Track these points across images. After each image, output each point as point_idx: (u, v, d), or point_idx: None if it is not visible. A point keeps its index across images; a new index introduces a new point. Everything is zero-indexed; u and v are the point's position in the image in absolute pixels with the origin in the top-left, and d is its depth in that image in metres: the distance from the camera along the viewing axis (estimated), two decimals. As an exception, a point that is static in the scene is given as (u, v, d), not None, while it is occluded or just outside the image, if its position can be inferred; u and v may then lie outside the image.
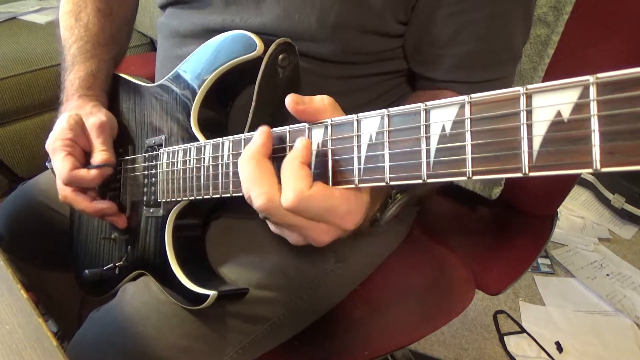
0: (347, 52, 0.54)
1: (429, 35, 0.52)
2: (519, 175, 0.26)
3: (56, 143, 0.58)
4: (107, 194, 0.66)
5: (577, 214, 1.70)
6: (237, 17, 0.55)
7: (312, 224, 0.36)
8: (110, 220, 0.63)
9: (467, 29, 0.50)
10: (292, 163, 0.35)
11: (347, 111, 0.39)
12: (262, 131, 0.38)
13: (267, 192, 0.35)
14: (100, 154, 0.59)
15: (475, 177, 0.28)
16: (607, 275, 1.46)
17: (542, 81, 0.66)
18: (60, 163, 0.57)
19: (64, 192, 0.60)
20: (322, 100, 0.37)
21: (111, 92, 0.69)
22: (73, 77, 0.65)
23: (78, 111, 0.61)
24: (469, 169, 0.28)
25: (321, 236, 0.37)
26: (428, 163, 0.30)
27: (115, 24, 0.71)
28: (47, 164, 0.69)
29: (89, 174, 0.58)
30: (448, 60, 0.53)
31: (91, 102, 0.64)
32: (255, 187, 0.36)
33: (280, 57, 0.49)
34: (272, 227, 0.40)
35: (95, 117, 0.61)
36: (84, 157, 0.60)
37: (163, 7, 0.66)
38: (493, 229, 0.83)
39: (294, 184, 0.34)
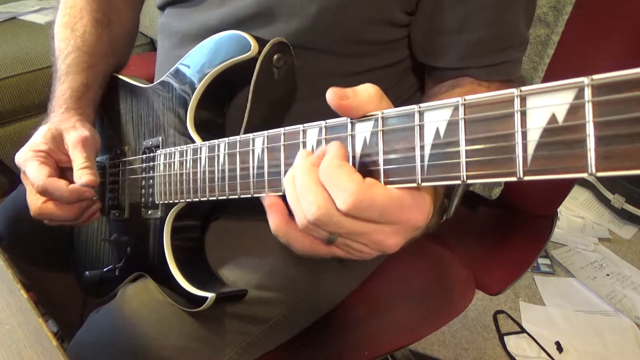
0: (349, 41, 0.53)
1: (438, 24, 0.52)
2: (514, 179, 0.26)
3: (28, 154, 0.55)
4: (106, 196, 0.66)
5: (577, 214, 1.70)
6: (234, 7, 0.54)
7: (375, 227, 0.32)
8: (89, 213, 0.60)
9: (475, 15, 0.50)
10: (332, 163, 0.32)
11: None
12: (322, 147, 0.35)
13: (315, 198, 0.32)
14: (84, 173, 0.55)
15: (469, 181, 0.27)
16: (607, 275, 1.46)
17: (542, 81, 0.66)
18: (35, 171, 0.53)
19: (37, 203, 0.55)
20: (367, 91, 0.33)
21: (108, 93, 0.69)
22: (65, 88, 0.63)
23: (59, 125, 0.59)
24: (463, 172, 0.28)
25: (390, 238, 0.33)
26: (422, 166, 0.30)
27: (114, 34, 0.70)
28: None
29: (67, 187, 0.53)
30: (458, 48, 0.52)
31: (76, 116, 0.61)
32: (306, 195, 0.32)
33: (275, 57, 0.48)
34: (339, 252, 0.37)
35: (77, 131, 0.58)
36: (59, 172, 0.57)
37: (162, 7, 0.66)
38: (493, 229, 0.83)
39: (346, 181, 0.31)
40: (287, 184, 0.35)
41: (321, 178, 0.32)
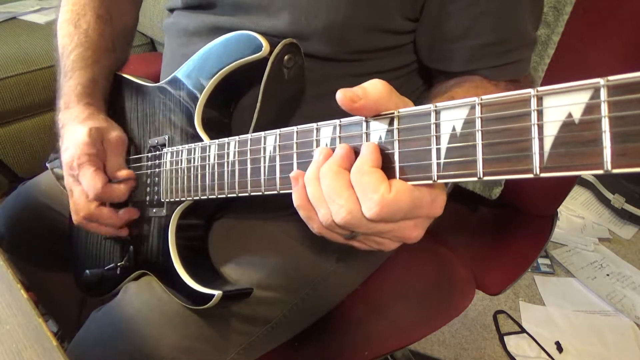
0: (354, 51, 0.54)
1: (443, 30, 0.52)
2: (530, 176, 0.26)
3: (82, 158, 0.57)
4: None
5: (577, 214, 1.70)
6: (246, 20, 0.55)
7: (398, 225, 0.34)
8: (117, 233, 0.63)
9: (481, 20, 0.50)
10: (362, 169, 0.33)
11: None
12: (342, 145, 0.36)
13: (345, 204, 0.33)
14: (123, 169, 0.60)
15: (486, 178, 0.28)
16: (607, 275, 1.46)
17: (542, 81, 0.66)
18: (91, 179, 0.56)
19: (89, 208, 0.59)
20: (377, 89, 0.34)
21: (114, 91, 0.69)
22: (74, 83, 0.63)
23: (95, 123, 0.60)
24: (479, 169, 0.28)
25: (412, 233, 0.35)
26: (438, 163, 0.30)
27: (116, 30, 0.70)
28: (47, 164, 0.69)
29: (119, 188, 0.58)
30: (464, 53, 0.52)
31: (100, 113, 0.63)
32: (335, 199, 0.33)
33: (285, 57, 0.49)
34: (357, 244, 0.38)
35: (115, 132, 0.61)
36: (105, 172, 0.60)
37: (172, 10, 0.66)
38: (493, 229, 0.83)
39: (373, 191, 0.32)
40: (310, 182, 0.36)
41: (352, 180, 0.34)
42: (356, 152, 0.35)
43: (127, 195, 0.60)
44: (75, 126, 0.60)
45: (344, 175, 0.34)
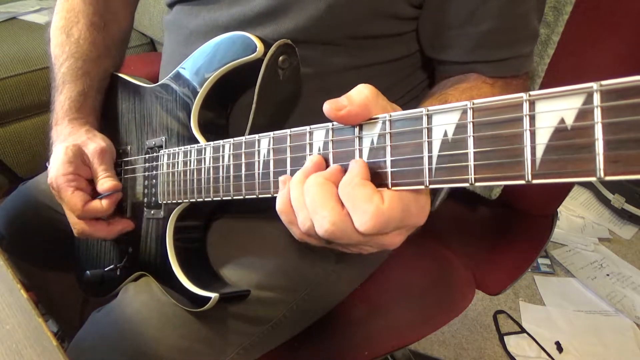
0: (356, 35, 0.53)
1: (446, 17, 0.51)
2: (522, 182, 0.26)
3: (59, 180, 0.58)
4: None
5: (577, 214, 1.70)
6: (245, 6, 0.54)
7: (382, 235, 0.34)
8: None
9: (483, 7, 0.49)
10: (353, 181, 0.32)
11: None
12: (333, 165, 0.36)
13: (329, 215, 0.32)
14: (106, 181, 0.59)
15: (477, 184, 0.28)
16: (607, 275, 1.46)
17: (542, 81, 0.66)
18: (70, 201, 0.58)
19: (80, 225, 0.60)
20: (362, 93, 0.33)
21: (111, 93, 0.69)
22: (63, 98, 0.64)
23: (74, 140, 0.61)
24: (471, 175, 0.28)
25: (392, 239, 0.35)
26: (430, 169, 0.30)
27: (109, 36, 0.70)
28: (47, 164, 0.69)
29: (102, 204, 0.58)
30: (466, 41, 0.52)
31: (83, 126, 0.63)
32: (319, 210, 0.33)
33: (280, 58, 0.48)
34: (339, 248, 0.37)
35: (94, 143, 0.61)
36: (89, 187, 0.60)
37: (170, 5, 0.66)
38: (493, 229, 0.83)
39: (366, 202, 0.31)
40: (295, 186, 0.35)
41: (340, 193, 0.33)
42: (345, 171, 0.35)
43: (112, 208, 0.60)
44: (56, 146, 0.61)
45: (329, 187, 0.33)
